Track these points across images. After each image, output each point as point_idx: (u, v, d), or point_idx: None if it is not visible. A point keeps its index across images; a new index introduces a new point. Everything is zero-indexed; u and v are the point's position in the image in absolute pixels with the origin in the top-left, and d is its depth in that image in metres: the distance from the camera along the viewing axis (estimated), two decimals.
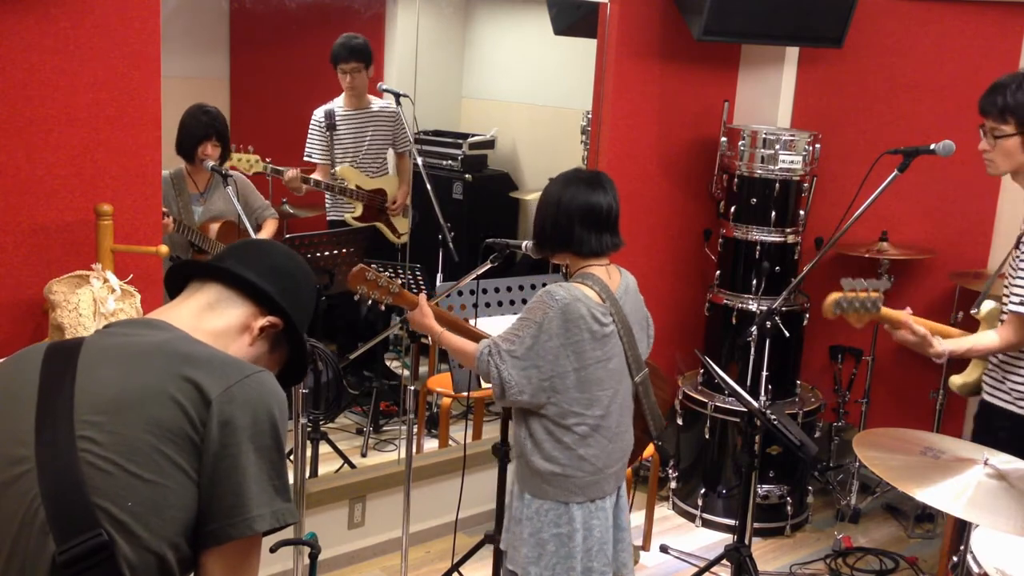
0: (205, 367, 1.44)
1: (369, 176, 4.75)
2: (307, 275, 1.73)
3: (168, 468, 1.39)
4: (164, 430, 1.39)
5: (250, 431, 1.42)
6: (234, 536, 1.41)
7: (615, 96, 4.25)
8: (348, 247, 4.14)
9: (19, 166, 2.87)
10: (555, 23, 4.90)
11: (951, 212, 4.35)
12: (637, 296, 2.78)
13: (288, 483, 1.48)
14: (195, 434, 1.40)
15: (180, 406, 1.40)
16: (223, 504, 1.41)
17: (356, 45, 4.60)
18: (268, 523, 1.42)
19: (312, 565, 2.82)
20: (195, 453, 1.40)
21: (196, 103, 3.95)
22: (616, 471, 2.74)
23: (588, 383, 2.61)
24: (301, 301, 1.68)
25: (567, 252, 2.70)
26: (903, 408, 4.53)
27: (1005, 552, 2.40)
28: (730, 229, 4.38)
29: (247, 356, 1.59)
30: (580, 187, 2.66)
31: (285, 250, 1.73)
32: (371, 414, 4.62)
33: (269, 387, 1.48)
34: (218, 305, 1.59)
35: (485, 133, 5.72)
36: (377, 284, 2.79)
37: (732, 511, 4.23)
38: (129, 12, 2.98)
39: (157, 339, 1.49)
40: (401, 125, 4.76)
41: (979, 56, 4.21)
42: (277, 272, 1.65)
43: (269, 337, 1.63)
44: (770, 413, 3.04)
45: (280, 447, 1.46)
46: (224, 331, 1.58)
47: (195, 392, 1.41)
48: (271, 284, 1.61)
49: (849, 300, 2.79)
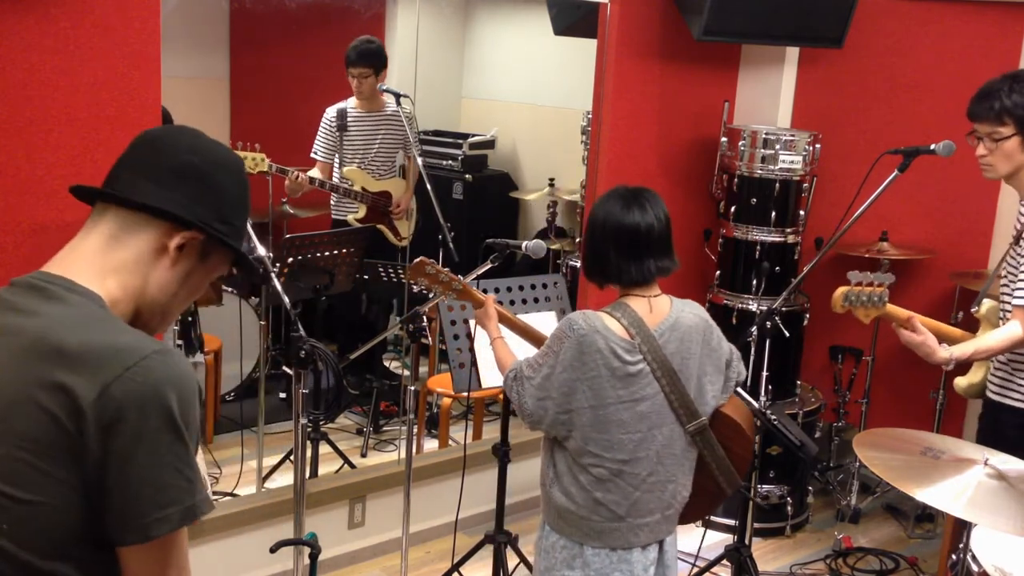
0: (80, 364, 1.28)
1: (376, 178, 4.75)
2: (221, 163, 1.49)
3: (47, 484, 1.28)
4: (37, 444, 1.28)
5: (140, 430, 1.28)
6: (129, 543, 1.30)
7: (615, 96, 4.25)
8: (348, 247, 4.14)
9: (19, 166, 2.87)
10: (555, 23, 4.90)
11: (951, 212, 4.35)
12: (703, 331, 2.47)
13: (197, 473, 1.35)
14: (74, 444, 1.27)
15: (52, 417, 1.27)
16: (116, 512, 1.29)
17: (366, 50, 4.59)
18: (174, 524, 1.31)
19: (312, 565, 2.82)
20: (77, 463, 1.28)
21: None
22: (650, 523, 2.46)
23: (606, 424, 2.36)
24: (220, 199, 1.47)
25: (610, 282, 2.46)
26: (903, 408, 4.53)
27: (1005, 551, 2.40)
28: (730, 229, 4.38)
29: (172, 278, 1.45)
30: (615, 207, 2.41)
31: (189, 141, 1.48)
32: (371, 414, 4.63)
33: (159, 373, 1.30)
34: (122, 234, 1.42)
35: (485, 133, 5.72)
36: (438, 279, 2.68)
37: (732, 511, 4.23)
38: (129, 12, 2.98)
39: (37, 326, 1.33)
40: (411, 127, 4.76)
41: (979, 56, 4.21)
42: (182, 175, 1.44)
43: (194, 249, 1.46)
44: (770, 413, 3.04)
45: (181, 435, 1.31)
46: (136, 261, 1.42)
47: (66, 399, 1.27)
48: (176, 192, 1.42)
49: (856, 294, 2.77)
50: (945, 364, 2.83)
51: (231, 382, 4.72)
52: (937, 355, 2.79)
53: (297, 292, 3.95)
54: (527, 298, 3.23)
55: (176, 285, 1.46)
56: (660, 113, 4.44)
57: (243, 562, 3.48)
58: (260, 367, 4.33)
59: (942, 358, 2.80)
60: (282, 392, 4.79)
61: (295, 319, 2.72)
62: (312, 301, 4.11)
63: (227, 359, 4.53)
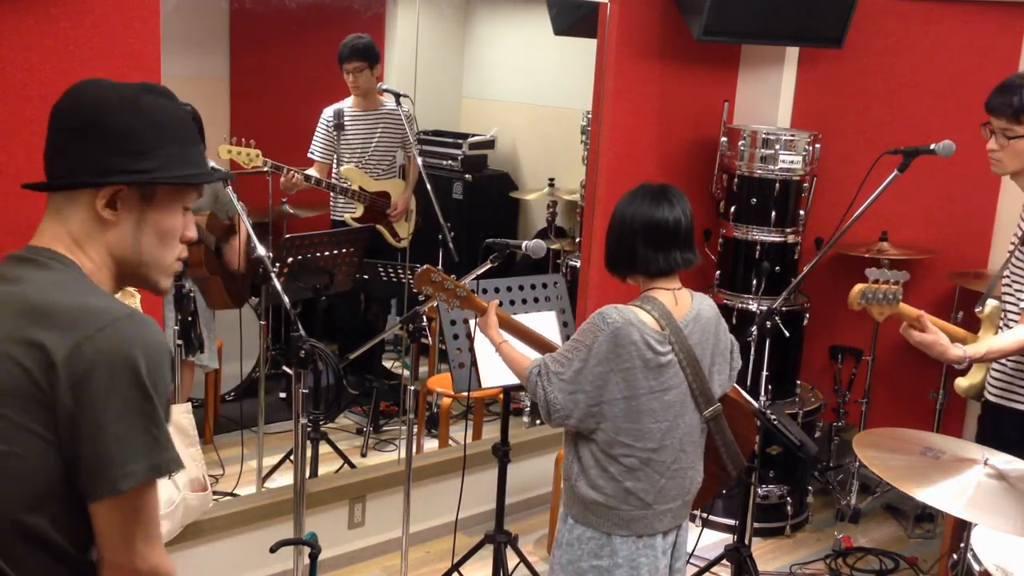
0: (55, 323, 1.35)
1: (374, 178, 4.75)
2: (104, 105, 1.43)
3: (20, 436, 1.33)
4: (12, 398, 1.33)
5: (108, 387, 1.33)
6: (100, 496, 1.35)
7: (615, 96, 4.25)
8: (348, 247, 4.14)
9: (19, 166, 2.87)
10: (555, 23, 4.91)
11: (951, 212, 4.35)
12: (716, 324, 2.58)
13: (166, 432, 1.39)
14: (46, 398, 1.33)
15: (25, 370, 1.33)
16: (86, 466, 1.34)
17: (359, 44, 4.59)
18: (141, 477, 1.35)
19: (312, 565, 2.82)
20: (49, 416, 1.33)
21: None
22: (672, 509, 2.55)
23: (638, 413, 2.43)
24: (122, 139, 1.42)
25: (635, 273, 2.53)
26: (903, 408, 4.53)
27: (1005, 551, 2.41)
28: (730, 229, 4.38)
29: (127, 232, 1.45)
30: (644, 202, 2.50)
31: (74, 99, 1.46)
32: (371, 414, 4.63)
33: (129, 334, 1.36)
34: (63, 211, 1.46)
35: (485, 133, 5.72)
36: (443, 286, 2.69)
37: (732, 511, 4.23)
38: (129, 12, 2.98)
39: (16, 291, 1.40)
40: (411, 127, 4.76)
41: (979, 56, 4.21)
42: (77, 133, 1.43)
43: (129, 198, 1.44)
44: (770, 413, 3.04)
45: (149, 395, 1.36)
46: (86, 232, 1.45)
47: (40, 354, 1.33)
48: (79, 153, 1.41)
49: (873, 291, 2.71)
50: (959, 363, 2.75)
51: (231, 382, 4.72)
52: (950, 353, 2.72)
53: (297, 292, 3.95)
54: (527, 298, 3.23)
55: (132, 237, 1.47)
56: (660, 113, 4.44)
57: (243, 562, 3.48)
58: (260, 367, 4.34)
59: (956, 356, 2.72)
60: (282, 392, 4.79)
61: (295, 319, 2.72)
62: (312, 301, 4.11)
63: (227, 359, 4.53)
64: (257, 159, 4.09)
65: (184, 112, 1.53)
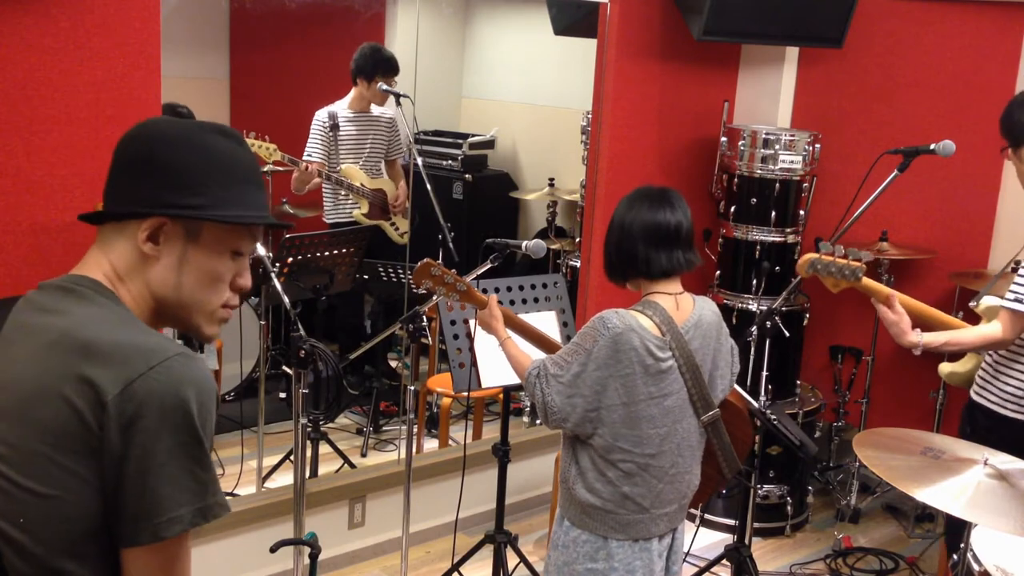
0: (105, 360, 1.30)
1: (371, 177, 4.78)
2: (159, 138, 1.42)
3: (66, 479, 1.28)
4: (59, 438, 1.28)
5: (159, 428, 1.28)
6: (142, 542, 1.29)
7: (615, 96, 4.25)
8: (348, 247, 4.14)
9: (19, 166, 2.87)
10: (555, 23, 4.91)
11: (951, 212, 4.35)
12: (717, 330, 2.56)
13: (214, 475, 1.35)
14: (93, 439, 1.28)
15: (75, 411, 1.28)
16: (130, 510, 1.29)
17: (395, 60, 4.67)
18: (187, 524, 1.30)
19: (312, 565, 2.83)
20: (96, 459, 1.28)
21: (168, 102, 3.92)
22: (669, 513, 2.55)
23: (637, 419, 2.42)
24: (174, 174, 1.40)
25: (636, 275, 2.51)
26: (903, 408, 4.53)
27: (1005, 551, 2.41)
28: (730, 229, 4.38)
29: (168, 269, 1.41)
30: (643, 206, 2.48)
31: (136, 130, 1.44)
32: (371, 414, 4.63)
33: (180, 374, 1.31)
34: (110, 240, 1.41)
35: (485, 133, 5.72)
36: (443, 280, 2.69)
37: (732, 511, 4.23)
38: (129, 12, 2.98)
39: (65, 323, 1.35)
40: (396, 132, 4.81)
41: (979, 56, 4.21)
42: (131, 166, 1.41)
43: (174, 234, 1.41)
44: (770, 413, 3.04)
45: (199, 438, 1.32)
46: (129, 267, 1.41)
47: (91, 392, 1.28)
48: (131, 186, 1.40)
49: (824, 263, 2.77)
50: (913, 348, 2.83)
51: (231, 382, 4.72)
52: (906, 337, 2.81)
53: (297, 292, 3.95)
54: (527, 298, 3.23)
55: (174, 276, 1.42)
56: (660, 113, 4.44)
57: (243, 562, 3.48)
58: (260, 367, 4.34)
59: (910, 341, 2.81)
60: (282, 392, 4.79)
61: (295, 319, 2.72)
62: (312, 301, 4.11)
63: (227, 359, 4.53)
64: (276, 153, 4.21)
65: (248, 155, 1.49)
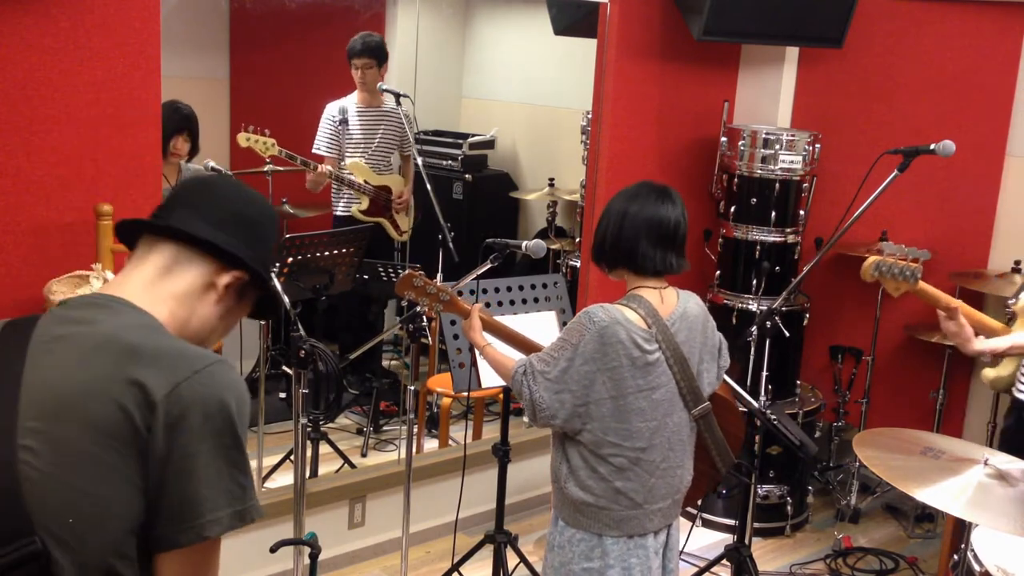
0: (152, 363, 1.35)
1: (377, 173, 4.79)
2: (268, 215, 1.60)
3: (112, 478, 1.32)
4: (107, 438, 1.32)
5: (202, 431, 1.34)
6: (183, 543, 1.34)
7: (615, 96, 4.25)
8: (348, 247, 4.13)
9: (19, 166, 2.87)
10: (555, 23, 4.91)
11: (951, 212, 4.35)
12: (703, 322, 2.57)
13: (251, 479, 1.41)
14: (141, 440, 1.32)
15: (124, 411, 1.32)
16: (172, 510, 1.33)
17: (371, 41, 4.68)
18: (225, 526, 1.35)
19: (312, 565, 2.83)
20: (141, 459, 1.32)
21: (169, 100, 3.93)
22: (663, 508, 2.54)
23: (626, 413, 2.42)
24: (265, 247, 1.57)
25: (625, 268, 2.52)
26: (903, 408, 4.53)
27: (1004, 551, 2.41)
28: (730, 229, 4.38)
29: (215, 313, 1.52)
30: (649, 199, 2.50)
31: (241, 191, 1.59)
32: (371, 414, 4.63)
33: (223, 380, 1.38)
34: (175, 267, 1.49)
35: (485, 133, 5.72)
36: (425, 291, 2.68)
37: (732, 511, 4.23)
38: (129, 12, 2.98)
39: (105, 329, 1.39)
40: (410, 127, 4.80)
41: (979, 56, 4.21)
42: (237, 221, 1.53)
43: (235, 290, 1.54)
44: (770, 413, 3.04)
45: (239, 442, 1.38)
46: (187, 293, 1.49)
47: (140, 394, 1.32)
48: (232, 237, 1.51)
49: (888, 265, 2.69)
50: (979, 356, 2.77)
51: None
52: (971, 345, 2.73)
53: (297, 292, 3.95)
54: (527, 298, 3.23)
55: (216, 320, 1.54)
56: (660, 113, 4.44)
57: (243, 562, 3.48)
58: (260, 367, 4.33)
59: (976, 350, 2.73)
60: (282, 392, 4.79)
61: (295, 319, 2.72)
62: (312, 301, 4.11)
63: (227, 359, 4.52)
64: (273, 148, 4.23)
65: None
